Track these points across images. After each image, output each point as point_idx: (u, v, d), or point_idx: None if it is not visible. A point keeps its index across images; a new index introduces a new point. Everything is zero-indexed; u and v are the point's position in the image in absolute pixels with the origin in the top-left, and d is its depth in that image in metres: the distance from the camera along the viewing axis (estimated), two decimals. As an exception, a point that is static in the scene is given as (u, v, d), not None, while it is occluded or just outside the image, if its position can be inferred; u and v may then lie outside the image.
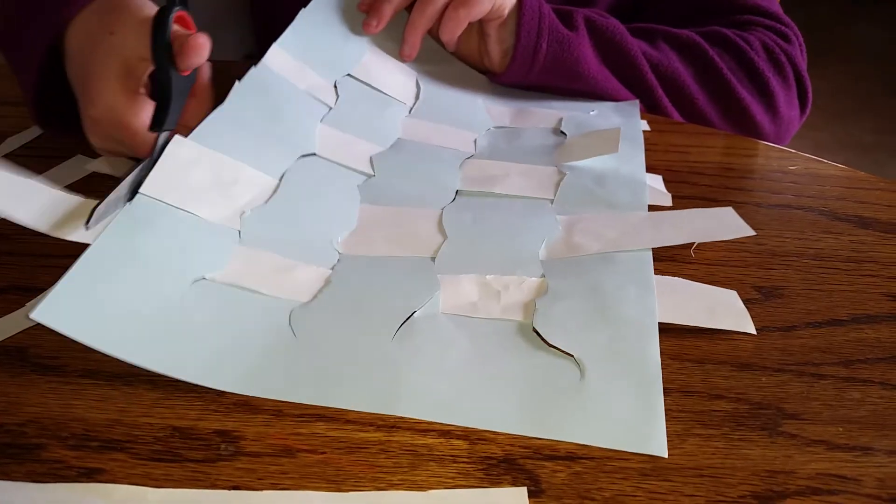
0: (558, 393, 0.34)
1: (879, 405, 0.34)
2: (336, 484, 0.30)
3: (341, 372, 0.35)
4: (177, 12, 0.44)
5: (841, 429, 0.33)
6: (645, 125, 0.60)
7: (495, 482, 0.30)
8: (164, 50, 0.42)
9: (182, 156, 0.42)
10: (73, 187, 0.51)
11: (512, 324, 0.38)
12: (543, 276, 0.41)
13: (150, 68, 0.44)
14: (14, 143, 0.57)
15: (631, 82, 0.62)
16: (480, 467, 0.31)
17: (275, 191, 0.45)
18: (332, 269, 0.41)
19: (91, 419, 0.33)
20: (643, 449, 0.32)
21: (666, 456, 0.31)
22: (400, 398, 0.33)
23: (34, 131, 0.59)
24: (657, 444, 0.32)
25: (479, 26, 0.60)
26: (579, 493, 0.30)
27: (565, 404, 0.33)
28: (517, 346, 0.37)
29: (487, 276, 0.41)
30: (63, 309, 0.33)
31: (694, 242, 0.45)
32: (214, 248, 0.40)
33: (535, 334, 0.37)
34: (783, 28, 0.67)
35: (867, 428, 0.33)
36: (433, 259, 0.42)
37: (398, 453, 0.31)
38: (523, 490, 0.30)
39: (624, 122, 0.58)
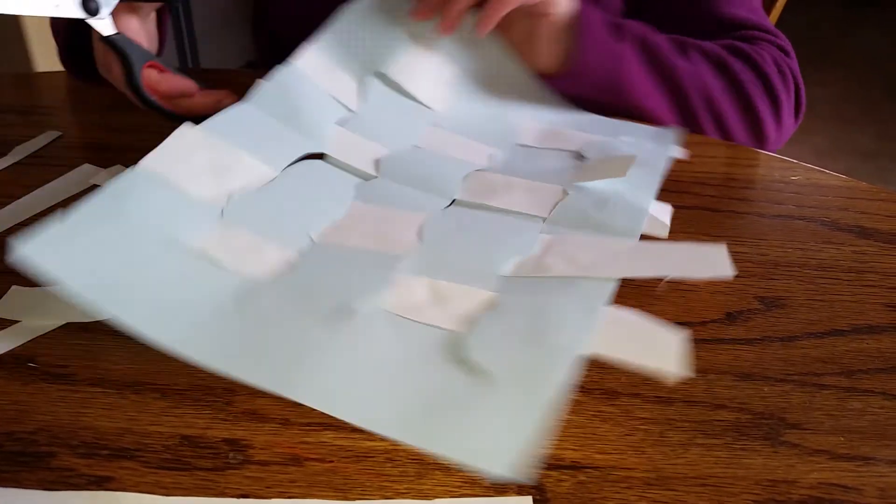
0: (448, 405, 0.33)
1: (881, 415, 0.35)
2: (343, 492, 0.30)
3: (256, 348, 0.35)
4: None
5: (843, 439, 0.34)
6: (680, 152, 0.58)
7: (501, 491, 0.30)
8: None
9: (187, 139, 0.44)
10: (77, 197, 0.51)
11: (445, 332, 0.37)
12: (498, 291, 0.40)
13: None
14: (22, 151, 0.58)
15: (671, 97, 0.62)
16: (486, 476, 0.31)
17: (270, 181, 0.47)
18: (301, 255, 0.42)
19: (101, 427, 0.33)
20: (486, 466, 0.30)
21: (506, 473, 0.29)
22: (293, 382, 0.33)
23: (41, 140, 0.59)
24: (502, 463, 0.30)
25: (531, 24, 0.60)
26: (584, 502, 0.30)
27: (446, 416, 0.32)
28: (439, 354, 0.36)
29: (440, 282, 0.41)
30: (47, 251, 0.36)
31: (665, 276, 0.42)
32: (194, 221, 0.42)
33: (463, 346, 0.36)
34: (781, 42, 0.69)
35: (869, 438, 0.34)
36: (399, 258, 0.42)
37: (405, 462, 0.32)
38: (528, 499, 0.30)
39: (655, 147, 0.57)
